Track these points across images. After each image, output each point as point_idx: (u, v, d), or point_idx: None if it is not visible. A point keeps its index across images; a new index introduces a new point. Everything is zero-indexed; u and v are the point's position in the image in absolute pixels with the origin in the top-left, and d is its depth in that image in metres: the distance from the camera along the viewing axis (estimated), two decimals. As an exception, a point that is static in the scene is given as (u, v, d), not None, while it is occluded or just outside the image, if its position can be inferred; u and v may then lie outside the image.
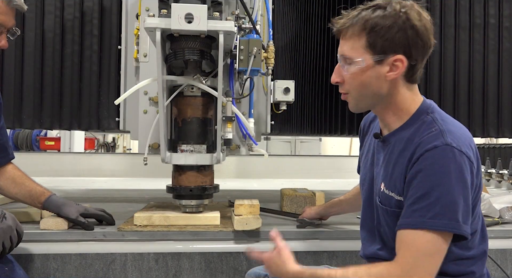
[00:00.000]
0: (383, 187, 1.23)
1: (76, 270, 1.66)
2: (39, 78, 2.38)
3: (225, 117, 1.80)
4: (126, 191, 3.49)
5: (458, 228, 1.08)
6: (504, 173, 3.81)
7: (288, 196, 2.18)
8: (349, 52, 1.19)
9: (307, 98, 2.47)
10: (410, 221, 1.10)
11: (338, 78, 1.25)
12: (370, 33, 1.15)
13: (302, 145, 9.37)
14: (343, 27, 1.19)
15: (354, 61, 1.18)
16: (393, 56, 1.15)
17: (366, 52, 1.17)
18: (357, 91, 1.22)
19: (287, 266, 1.20)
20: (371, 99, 1.22)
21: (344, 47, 1.20)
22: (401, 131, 1.23)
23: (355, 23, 1.17)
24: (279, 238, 1.26)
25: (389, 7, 1.15)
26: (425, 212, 1.08)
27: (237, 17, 1.95)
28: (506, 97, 2.51)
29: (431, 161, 1.10)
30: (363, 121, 1.50)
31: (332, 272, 1.13)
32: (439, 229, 1.07)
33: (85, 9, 2.38)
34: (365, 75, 1.18)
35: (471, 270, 1.20)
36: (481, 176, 1.21)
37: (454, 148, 1.09)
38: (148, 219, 1.78)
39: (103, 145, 10.04)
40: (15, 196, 1.77)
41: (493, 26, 2.48)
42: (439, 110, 1.23)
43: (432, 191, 1.08)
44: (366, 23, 1.15)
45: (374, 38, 1.15)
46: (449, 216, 1.07)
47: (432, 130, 1.15)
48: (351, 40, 1.18)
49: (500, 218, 2.03)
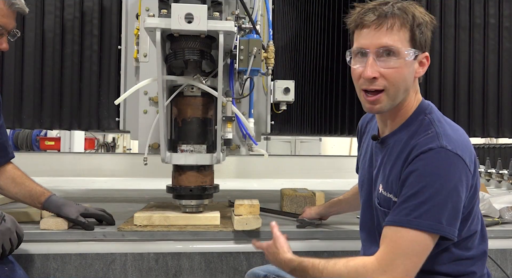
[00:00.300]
0: (381, 188, 1.23)
1: (76, 270, 1.66)
2: (39, 78, 2.38)
3: (225, 117, 1.80)
4: (126, 191, 3.49)
5: (441, 229, 1.08)
6: (504, 173, 3.81)
7: (288, 196, 2.18)
8: (397, 43, 1.14)
9: (307, 98, 2.46)
10: (396, 218, 1.10)
11: (376, 73, 1.15)
12: (415, 27, 1.14)
13: (302, 145, 9.37)
14: (389, 17, 1.14)
15: (402, 54, 1.14)
16: (424, 53, 1.18)
17: (409, 46, 1.15)
18: (396, 87, 1.16)
19: (280, 254, 1.26)
20: (401, 97, 1.19)
21: (386, 38, 1.14)
22: (399, 132, 1.22)
23: (400, 15, 1.14)
24: (277, 228, 1.34)
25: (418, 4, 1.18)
26: (411, 210, 1.08)
27: (237, 17, 1.95)
28: (506, 97, 2.50)
29: (424, 162, 1.10)
30: (361, 121, 1.50)
31: (316, 262, 1.18)
32: (422, 229, 1.07)
33: (85, 9, 2.38)
34: (408, 69, 1.16)
35: (472, 270, 1.20)
36: (478, 177, 1.20)
37: (449, 151, 1.10)
38: (148, 219, 1.78)
39: (103, 145, 10.04)
40: (15, 196, 1.77)
41: (493, 26, 2.48)
42: (437, 111, 1.23)
43: (421, 191, 1.08)
44: (414, 17, 1.15)
45: (417, 33, 1.15)
46: (434, 218, 1.07)
47: (428, 132, 1.15)
48: (394, 31, 1.14)
49: (500, 218, 2.03)
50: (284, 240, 1.29)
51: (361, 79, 1.18)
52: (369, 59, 1.15)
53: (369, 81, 1.16)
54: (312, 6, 2.43)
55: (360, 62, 1.18)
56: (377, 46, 1.14)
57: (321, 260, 1.18)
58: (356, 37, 1.20)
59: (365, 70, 1.15)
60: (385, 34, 1.13)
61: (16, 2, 1.57)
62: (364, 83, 1.18)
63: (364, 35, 1.16)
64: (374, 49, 1.14)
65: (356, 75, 1.20)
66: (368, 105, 1.20)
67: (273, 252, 1.29)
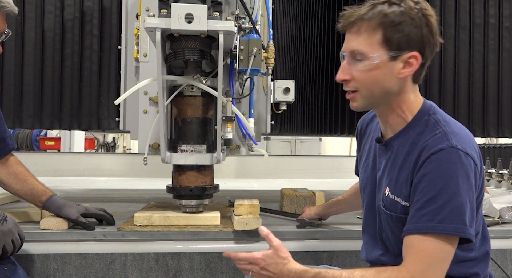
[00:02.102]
0: (388, 192, 1.21)
1: (76, 270, 1.66)
2: (39, 78, 2.38)
3: (225, 117, 1.80)
4: (126, 191, 3.49)
5: (466, 231, 1.07)
6: (504, 173, 3.81)
7: (288, 196, 2.18)
8: (362, 47, 1.14)
9: (307, 98, 2.46)
10: (419, 226, 1.08)
11: (346, 76, 1.18)
12: (387, 28, 1.12)
13: (302, 145, 9.36)
14: (357, 21, 1.14)
15: (369, 57, 1.14)
16: (408, 53, 1.13)
17: (381, 48, 1.13)
18: (367, 89, 1.17)
19: (289, 265, 1.14)
20: (380, 98, 1.18)
21: (354, 42, 1.15)
22: (404, 134, 1.20)
23: (371, 17, 1.13)
24: (272, 235, 1.19)
25: (403, 3, 1.13)
26: (433, 216, 1.06)
27: (237, 17, 1.95)
28: (506, 97, 2.50)
29: (437, 164, 1.08)
30: (360, 123, 1.47)
31: (337, 273, 1.09)
32: (448, 233, 1.05)
33: (85, 9, 2.38)
34: (378, 71, 1.15)
35: (475, 272, 1.20)
36: (484, 177, 1.19)
37: (460, 150, 1.08)
38: (148, 219, 1.78)
39: (103, 145, 10.03)
40: (17, 192, 1.77)
41: (493, 26, 2.48)
42: (440, 111, 1.22)
43: (439, 194, 1.06)
44: (385, 17, 1.12)
45: (391, 34, 1.12)
46: (457, 220, 1.05)
47: (436, 132, 1.13)
48: (364, 34, 1.14)
49: (500, 218, 2.03)
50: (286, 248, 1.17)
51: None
52: (344, 62, 1.19)
53: (344, 83, 1.20)
54: (312, 7, 2.43)
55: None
56: (347, 50, 1.18)
57: (342, 271, 1.11)
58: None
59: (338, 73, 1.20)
60: (353, 38, 1.16)
61: (4, 5, 1.58)
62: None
63: (345, 39, 1.20)
64: (347, 53, 1.18)
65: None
66: (350, 103, 1.24)
67: (276, 263, 1.14)
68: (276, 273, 1.15)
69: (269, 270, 1.15)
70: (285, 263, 1.14)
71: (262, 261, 1.16)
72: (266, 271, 1.16)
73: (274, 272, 1.15)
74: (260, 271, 1.17)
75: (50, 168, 4.89)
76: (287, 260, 1.15)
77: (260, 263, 1.16)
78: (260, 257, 1.16)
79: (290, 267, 1.14)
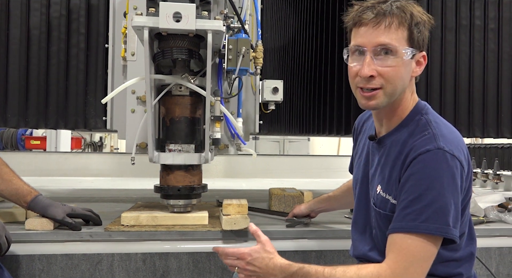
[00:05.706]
0: (379, 189, 1.22)
1: (62, 271, 1.64)
2: (24, 76, 2.34)
3: (213, 117, 1.79)
4: (113, 190, 3.46)
5: (449, 232, 1.08)
6: (489, 173, 3.87)
7: (276, 196, 2.19)
8: (394, 42, 1.13)
9: (295, 98, 2.47)
10: (403, 224, 1.09)
11: (373, 72, 1.14)
12: (413, 26, 1.14)
13: (290, 144, 9.38)
14: (388, 15, 1.13)
15: (400, 53, 1.13)
16: (421, 53, 1.18)
17: (407, 45, 1.14)
18: (393, 86, 1.15)
19: (274, 260, 1.17)
20: (398, 95, 1.18)
21: (384, 36, 1.13)
22: (396, 132, 1.22)
23: (398, 14, 1.13)
24: (260, 231, 1.23)
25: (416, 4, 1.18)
26: (417, 215, 1.08)
27: (225, 17, 1.94)
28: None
29: (423, 164, 1.10)
30: (357, 120, 1.49)
31: (320, 269, 1.12)
32: (431, 233, 1.07)
33: (71, 6, 2.35)
34: (404, 69, 1.15)
35: (459, 272, 1.21)
36: (471, 179, 1.21)
37: (446, 152, 1.10)
38: (136, 219, 1.76)
39: (90, 144, 9.92)
40: (1, 192, 1.73)
41: (478, 27, 2.52)
42: (433, 112, 1.23)
43: (424, 194, 1.08)
44: (412, 15, 1.14)
45: (415, 32, 1.14)
46: (441, 220, 1.07)
47: (425, 133, 1.15)
48: (392, 30, 1.13)
49: (485, 217, 2.06)
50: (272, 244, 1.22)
51: (358, 77, 1.17)
52: (367, 58, 1.14)
53: (366, 79, 1.15)
54: (301, 7, 2.44)
55: (357, 60, 1.17)
56: (375, 44, 1.14)
57: (325, 266, 1.13)
58: (354, 35, 1.19)
59: (362, 68, 1.15)
60: (383, 33, 1.13)
61: None
62: (360, 81, 1.17)
63: (362, 33, 1.15)
64: (371, 48, 1.14)
65: (353, 73, 1.19)
66: (364, 101, 1.19)
67: (262, 257, 1.18)
68: (261, 267, 1.18)
69: (254, 264, 1.18)
70: (271, 257, 1.18)
71: (249, 255, 1.19)
72: (252, 266, 1.19)
73: (259, 266, 1.18)
74: (246, 266, 1.20)
75: (36, 168, 4.82)
76: (272, 254, 1.18)
77: (247, 258, 1.19)
78: (247, 252, 1.20)
79: (276, 261, 1.17)
